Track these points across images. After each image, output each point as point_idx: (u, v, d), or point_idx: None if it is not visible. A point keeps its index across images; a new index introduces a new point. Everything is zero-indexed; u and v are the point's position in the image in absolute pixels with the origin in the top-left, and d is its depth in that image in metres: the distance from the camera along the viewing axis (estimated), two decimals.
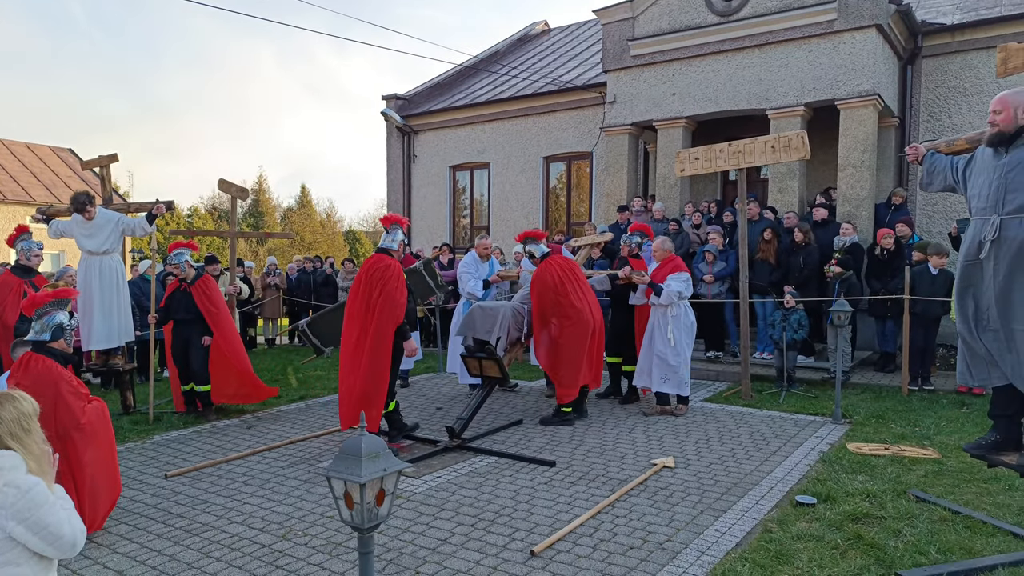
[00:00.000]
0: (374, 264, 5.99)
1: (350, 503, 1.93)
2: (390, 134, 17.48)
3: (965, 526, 4.13)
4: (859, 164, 10.30)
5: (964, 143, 4.06)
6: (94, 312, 7.24)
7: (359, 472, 1.89)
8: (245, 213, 44.49)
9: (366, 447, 1.94)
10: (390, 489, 1.98)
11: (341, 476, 1.91)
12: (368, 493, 1.90)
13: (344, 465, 1.93)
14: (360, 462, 1.90)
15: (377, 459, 1.94)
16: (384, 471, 1.93)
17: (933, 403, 7.46)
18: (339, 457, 1.98)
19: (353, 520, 1.95)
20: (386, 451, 2.01)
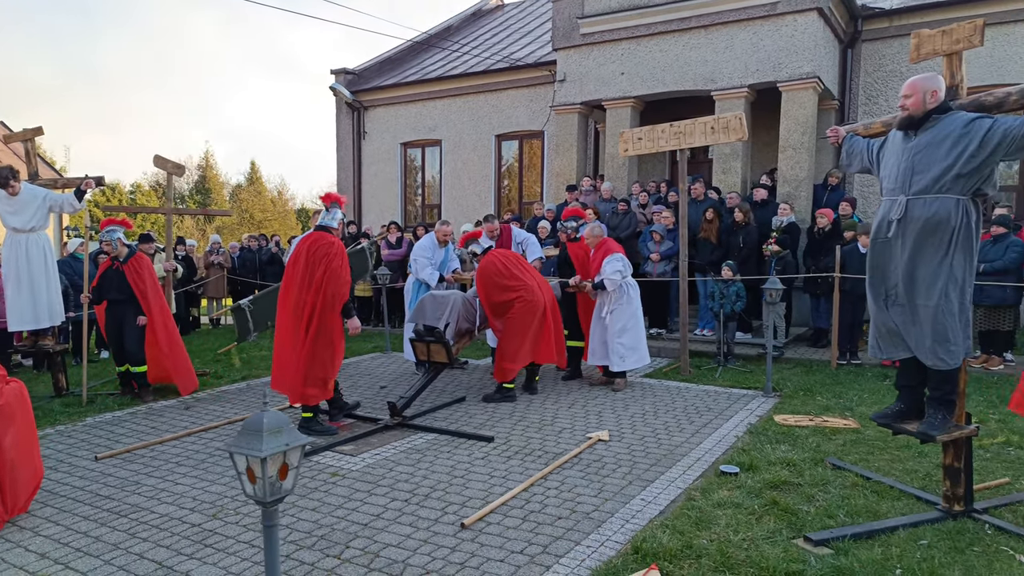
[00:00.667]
0: (316, 241, 5.93)
1: (252, 478, 1.95)
2: (339, 110, 17.21)
3: (874, 491, 4.35)
4: (799, 146, 10.55)
5: (880, 126, 4.22)
6: (21, 292, 6.99)
7: (260, 447, 1.91)
8: (192, 190, 43.25)
9: (268, 423, 1.96)
10: (294, 463, 2.01)
11: (242, 451, 1.93)
12: (270, 468, 1.93)
13: (246, 440, 1.95)
14: (262, 437, 1.93)
15: (279, 434, 1.97)
16: (286, 446, 1.96)
17: (859, 376, 7.79)
18: (241, 433, 2.00)
19: (256, 494, 1.98)
20: (289, 427, 2.03)
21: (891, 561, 3.42)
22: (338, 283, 5.83)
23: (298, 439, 2.01)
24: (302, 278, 5.88)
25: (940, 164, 3.55)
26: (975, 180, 3.53)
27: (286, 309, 5.98)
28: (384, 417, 6.33)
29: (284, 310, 6.01)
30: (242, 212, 41.41)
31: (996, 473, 4.69)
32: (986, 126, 3.47)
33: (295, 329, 5.90)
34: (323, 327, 5.85)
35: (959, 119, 3.57)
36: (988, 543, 3.63)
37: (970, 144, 3.48)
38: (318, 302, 5.79)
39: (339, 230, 6.17)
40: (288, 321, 5.96)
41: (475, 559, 3.62)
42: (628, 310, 7.38)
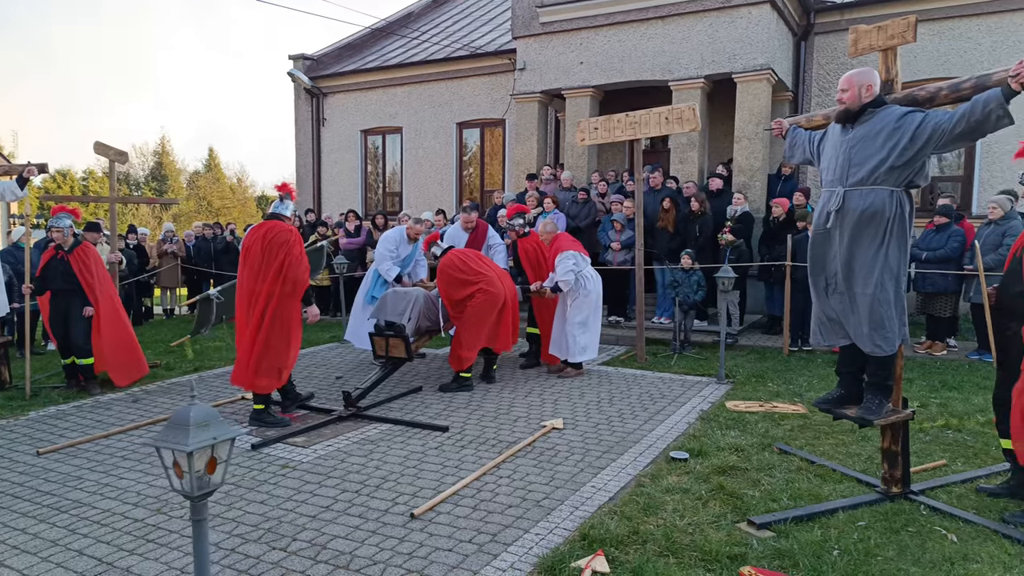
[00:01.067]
0: (272, 229, 5.83)
1: (179, 472, 1.91)
2: (298, 96, 16.92)
3: (818, 474, 4.47)
4: (753, 136, 10.70)
5: (821, 119, 4.30)
6: None
7: (186, 441, 1.87)
8: (147, 177, 42.20)
9: (195, 416, 1.92)
10: (223, 457, 1.97)
11: (168, 445, 1.89)
12: (197, 462, 1.89)
13: (172, 434, 1.91)
14: (188, 431, 1.89)
15: (207, 428, 1.93)
16: (214, 439, 1.92)
17: (809, 363, 7.97)
18: (168, 426, 1.95)
19: (183, 489, 1.94)
20: (218, 420, 2.00)
21: (830, 542, 3.52)
22: (300, 270, 5.78)
23: (227, 432, 1.97)
24: (256, 267, 5.78)
25: (875, 157, 3.64)
26: (908, 172, 3.63)
27: (241, 300, 5.90)
28: (338, 408, 6.28)
29: (239, 301, 5.94)
30: (200, 200, 40.57)
31: (934, 455, 4.85)
32: (918, 120, 3.56)
33: (248, 319, 5.81)
34: (280, 315, 5.78)
35: (893, 113, 3.66)
36: (922, 523, 3.75)
37: (903, 138, 3.57)
38: (276, 290, 5.72)
39: (291, 219, 6.09)
40: (242, 312, 5.88)
41: (423, 549, 3.61)
42: (587, 302, 7.44)
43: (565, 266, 7.24)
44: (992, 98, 3.31)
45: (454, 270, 6.92)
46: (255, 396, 5.89)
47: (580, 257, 7.45)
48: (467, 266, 6.97)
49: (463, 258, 7.04)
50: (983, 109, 3.34)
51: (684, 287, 8.68)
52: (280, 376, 5.89)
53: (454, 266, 6.94)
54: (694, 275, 8.62)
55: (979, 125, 3.38)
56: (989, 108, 3.31)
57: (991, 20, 10.65)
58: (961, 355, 8.18)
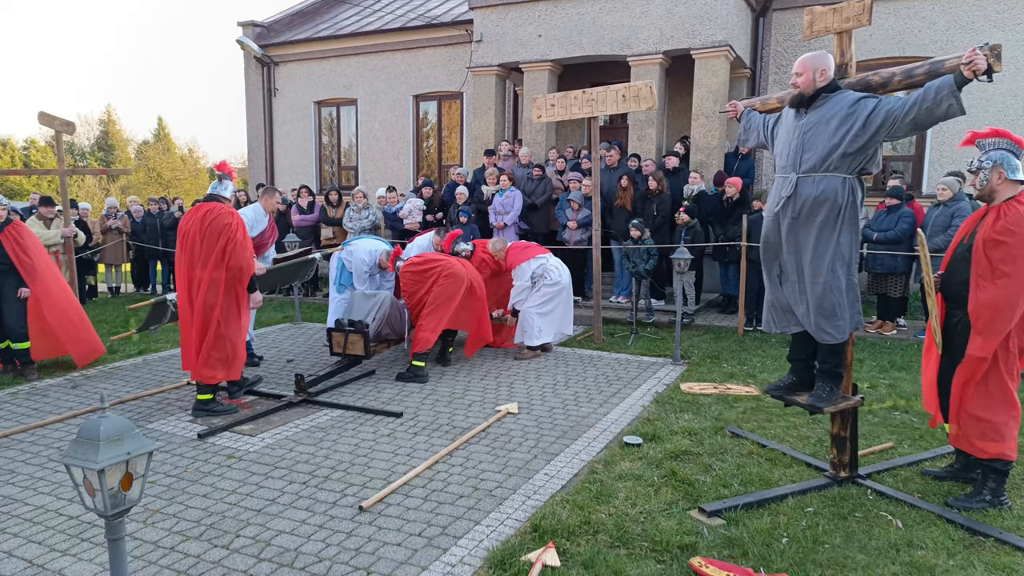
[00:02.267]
0: (210, 213, 5.53)
1: (91, 490, 1.77)
2: (248, 64, 16.32)
3: (768, 459, 4.50)
4: (711, 114, 10.67)
5: (776, 102, 4.24)
6: None
7: (95, 458, 1.73)
8: (93, 147, 40.56)
9: (105, 430, 1.78)
10: (139, 472, 1.84)
11: (77, 463, 1.75)
12: (109, 479, 1.75)
13: (81, 451, 1.76)
14: (98, 447, 1.74)
15: (119, 442, 1.79)
16: (128, 455, 1.79)
17: (763, 343, 8.05)
18: (76, 441, 1.81)
19: (96, 507, 1.80)
20: (132, 432, 1.85)
21: (779, 530, 3.54)
22: (244, 256, 5.53)
23: (141, 446, 1.83)
24: (195, 253, 5.51)
25: (828, 143, 3.60)
26: (861, 159, 3.60)
27: (181, 286, 5.65)
28: (289, 393, 6.12)
29: (179, 286, 5.69)
30: (149, 171, 39.22)
31: (882, 437, 4.93)
32: (871, 106, 3.52)
33: (190, 307, 5.58)
34: (228, 304, 5.57)
35: (846, 98, 3.61)
36: (869, 508, 3.79)
37: (855, 124, 3.53)
38: (220, 277, 5.46)
39: (231, 200, 5.83)
40: (183, 299, 5.64)
41: (371, 544, 3.53)
42: (551, 291, 7.44)
43: (520, 285, 7.42)
44: (944, 85, 3.29)
45: (413, 266, 6.95)
46: (200, 386, 5.67)
47: (532, 264, 7.47)
48: (424, 259, 7.01)
49: (421, 256, 7.16)
50: (935, 97, 3.31)
51: (634, 256, 8.73)
52: (230, 366, 5.66)
53: (412, 263, 6.99)
54: (644, 243, 8.66)
55: (930, 113, 3.35)
56: (941, 96, 3.29)
57: (945, 0, 10.75)
58: (910, 335, 8.35)
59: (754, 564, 3.24)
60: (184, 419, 5.58)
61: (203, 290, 5.48)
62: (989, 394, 3.70)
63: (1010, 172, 3.68)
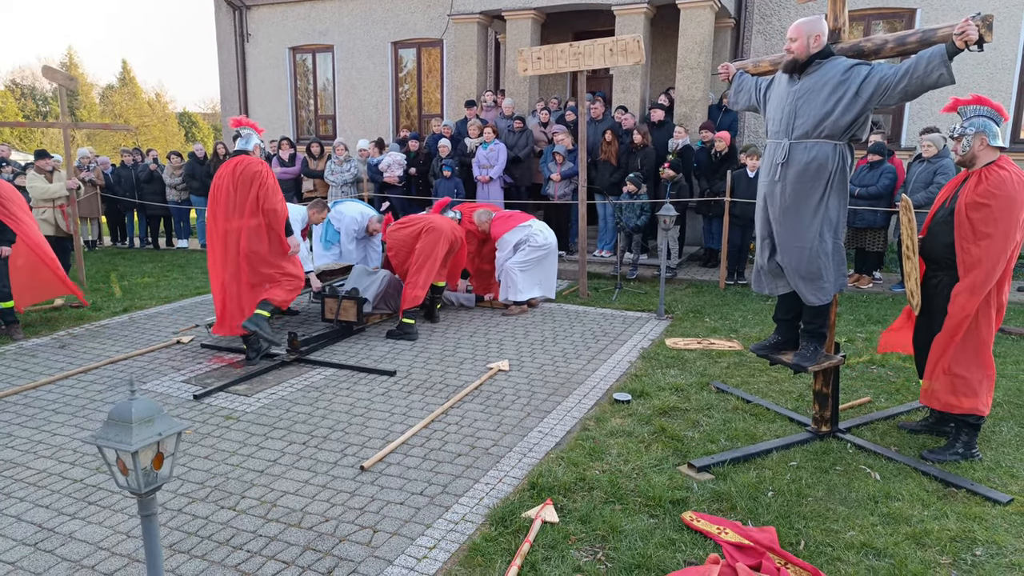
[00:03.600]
0: (240, 164, 5.76)
1: (124, 469, 1.84)
2: (218, 8, 15.77)
3: (752, 414, 4.68)
4: (695, 66, 10.61)
5: (768, 65, 4.26)
6: None
7: (129, 440, 1.79)
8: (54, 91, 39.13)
9: (137, 412, 1.83)
10: (169, 451, 1.90)
11: (111, 445, 1.81)
12: (142, 460, 1.82)
13: (114, 432, 1.82)
14: (131, 429, 1.80)
15: (151, 423, 1.84)
16: (159, 435, 1.85)
17: (744, 297, 8.23)
18: (108, 423, 1.86)
19: (129, 485, 1.87)
20: (161, 413, 1.91)
21: (764, 484, 3.72)
22: (276, 198, 5.80)
23: (172, 427, 1.89)
24: (229, 205, 5.73)
25: (820, 109, 3.65)
26: (852, 126, 3.66)
27: (215, 242, 5.82)
28: (281, 352, 6.17)
29: (213, 244, 5.84)
30: (116, 117, 38.04)
31: (860, 392, 5.14)
32: (863, 73, 3.56)
33: (225, 260, 5.77)
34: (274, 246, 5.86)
35: (839, 65, 3.65)
36: (849, 462, 3.99)
37: (848, 91, 3.58)
38: (261, 222, 5.75)
39: (255, 152, 5.98)
40: (218, 254, 5.81)
41: (375, 503, 3.65)
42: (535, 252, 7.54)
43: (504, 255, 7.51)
44: (936, 55, 3.33)
45: (397, 229, 7.13)
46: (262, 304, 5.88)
47: (520, 230, 7.51)
48: (408, 219, 7.18)
49: (404, 219, 7.31)
50: (926, 66, 3.36)
51: (627, 211, 8.79)
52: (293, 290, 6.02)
53: (397, 226, 7.18)
54: (637, 199, 8.71)
55: (921, 81, 3.41)
56: (932, 65, 3.34)
57: None
58: (885, 288, 8.58)
59: (742, 517, 3.42)
60: (178, 379, 5.62)
61: (245, 237, 5.72)
62: (966, 351, 3.87)
63: (991, 138, 3.78)
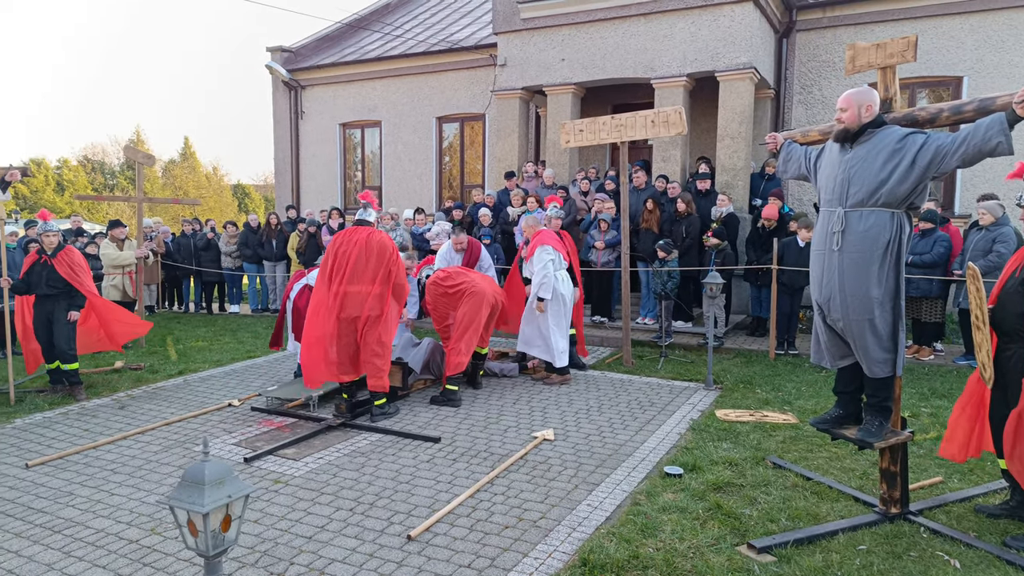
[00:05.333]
0: (373, 235, 6.14)
1: (194, 531, 1.86)
2: (276, 88, 16.64)
3: (814, 492, 4.48)
4: (736, 135, 10.73)
5: (817, 134, 4.29)
6: None
7: (201, 501, 1.81)
8: (122, 166, 41.34)
9: (210, 473, 1.86)
10: (237, 514, 1.92)
11: (183, 506, 1.83)
12: (212, 521, 1.84)
13: (186, 493, 1.85)
14: (203, 490, 1.83)
15: (222, 485, 1.87)
16: (229, 498, 1.87)
17: (796, 367, 8.02)
18: (182, 484, 1.89)
19: (198, 548, 1.88)
20: (231, 476, 1.94)
21: (832, 568, 3.52)
22: (403, 274, 6.30)
23: (240, 490, 1.92)
24: (355, 270, 6.03)
25: (875, 177, 3.64)
26: (909, 194, 3.63)
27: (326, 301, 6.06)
28: (327, 416, 6.22)
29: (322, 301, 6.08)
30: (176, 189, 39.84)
31: (929, 471, 4.87)
32: (919, 142, 3.56)
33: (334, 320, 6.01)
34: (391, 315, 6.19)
35: (893, 134, 3.65)
36: (924, 547, 3.75)
37: (903, 159, 3.57)
38: (386, 291, 6.08)
39: (375, 225, 6.43)
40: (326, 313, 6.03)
41: (422, 574, 3.58)
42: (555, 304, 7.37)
43: (542, 259, 7.26)
44: (995, 123, 3.32)
45: (438, 286, 7.09)
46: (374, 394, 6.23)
47: (559, 257, 7.45)
48: (449, 278, 7.11)
49: (445, 273, 7.20)
50: (984, 134, 3.35)
51: (655, 278, 8.77)
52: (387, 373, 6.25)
53: (438, 282, 7.11)
54: (667, 264, 8.73)
55: (979, 150, 3.39)
56: (991, 133, 3.32)
57: (974, 19, 10.75)
58: (948, 359, 8.30)
59: None
60: (229, 442, 5.68)
61: (368, 303, 6.03)
62: None
63: None
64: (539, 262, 7.26)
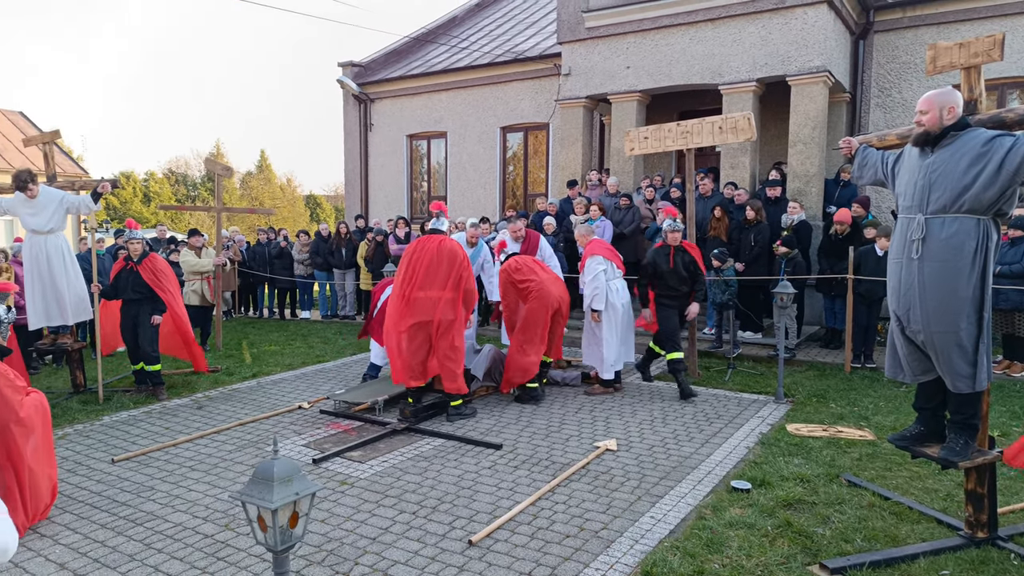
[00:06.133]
0: (446, 243, 6.38)
1: (263, 526, 1.92)
2: (346, 102, 17.11)
3: (892, 512, 4.27)
4: (809, 140, 10.42)
5: (895, 138, 4.12)
6: (43, 291, 7.07)
7: (271, 497, 1.87)
8: (203, 178, 43.34)
9: (279, 471, 1.92)
10: (304, 511, 1.97)
11: (254, 501, 1.90)
12: (280, 517, 1.89)
13: (257, 489, 1.91)
14: (272, 487, 1.89)
15: (290, 483, 1.93)
16: (297, 495, 1.92)
17: (874, 381, 7.67)
18: (252, 481, 1.96)
19: (267, 542, 1.94)
20: (299, 474, 1.99)
21: None
22: (473, 281, 6.50)
23: (308, 487, 1.97)
24: (428, 276, 6.23)
25: (958, 183, 3.44)
26: (996, 200, 3.42)
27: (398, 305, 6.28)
28: (392, 420, 6.32)
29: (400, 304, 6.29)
30: (252, 200, 41.53)
31: (1021, 495, 4.58)
32: (1007, 145, 3.35)
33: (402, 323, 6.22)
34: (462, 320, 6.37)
35: (978, 136, 3.46)
36: (1014, 575, 3.55)
37: (989, 163, 3.38)
38: (457, 297, 6.27)
39: (447, 233, 6.69)
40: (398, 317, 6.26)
41: None
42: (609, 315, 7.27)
43: (592, 270, 7.22)
44: None
45: (509, 275, 7.18)
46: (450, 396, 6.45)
47: (611, 266, 7.38)
48: (520, 271, 7.14)
49: (519, 263, 7.24)
50: None
51: (713, 287, 8.56)
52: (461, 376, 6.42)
53: (509, 271, 7.19)
54: (723, 274, 8.53)
55: None
56: None
57: None
58: None
59: None
60: (299, 443, 5.84)
61: (440, 308, 6.24)
62: None
63: None
64: (590, 272, 7.26)
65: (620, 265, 7.57)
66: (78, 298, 7.24)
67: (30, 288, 7.09)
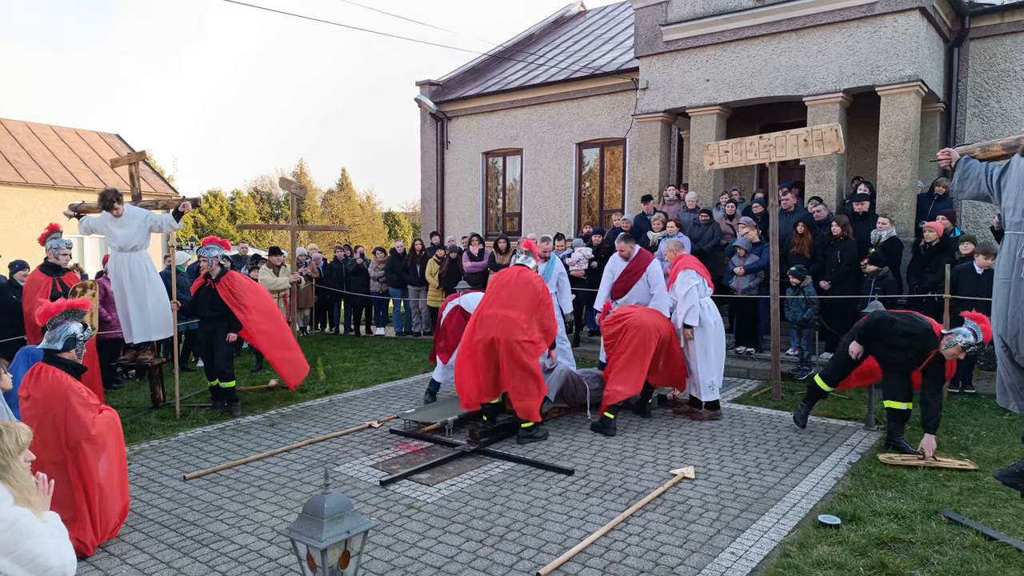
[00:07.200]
0: (535, 278, 6.62)
1: (312, 566, 1.85)
2: (424, 120, 17.41)
3: (999, 554, 3.89)
4: (900, 153, 9.84)
5: (1000, 149, 3.78)
6: (129, 308, 7.37)
7: (320, 536, 1.81)
8: (286, 196, 45.13)
9: (329, 507, 1.86)
10: (356, 550, 1.90)
11: (303, 539, 1.83)
12: (330, 557, 1.82)
13: (306, 526, 1.85)
14: (322, 524, 1.82)
15: (340, 520, 1.86)
16: (347, 533, 1.85)
17: (974, 408, 7.10)
18: (302, 516, 1.90)
19: None
20: (351, 509, 1.92)
21: None
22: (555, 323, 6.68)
23: (360, 525, 1.90)
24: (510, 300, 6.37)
25: None
26: None
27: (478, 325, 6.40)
28: (462, 442, 6.26)
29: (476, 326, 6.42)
30: (333, 218, 42.87)
31: None
32: None
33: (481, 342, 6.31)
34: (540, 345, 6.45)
35: None
36: None
37: None
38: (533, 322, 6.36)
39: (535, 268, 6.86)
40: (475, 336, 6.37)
41: None
42: (702, 333, 6.99)
43: (686, 284, 6.92)
44: None
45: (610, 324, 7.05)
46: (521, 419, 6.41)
47: (703, 282, 7.08)
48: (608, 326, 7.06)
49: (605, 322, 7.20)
50: None
51: (792, 306, 8.11)
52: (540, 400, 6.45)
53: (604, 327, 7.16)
54: (802, 292, 8.12)
55: None
56: None
57: None
58: None
59: None
60: (367, 463, 5.85)
61: (516, 328, 6.26)
62: None
63: None
64: (683, 286, 6.95)
65: (711, 283, 7.30)
66: (160, 315, 7.50)
67: (119, 305, 7.44)
